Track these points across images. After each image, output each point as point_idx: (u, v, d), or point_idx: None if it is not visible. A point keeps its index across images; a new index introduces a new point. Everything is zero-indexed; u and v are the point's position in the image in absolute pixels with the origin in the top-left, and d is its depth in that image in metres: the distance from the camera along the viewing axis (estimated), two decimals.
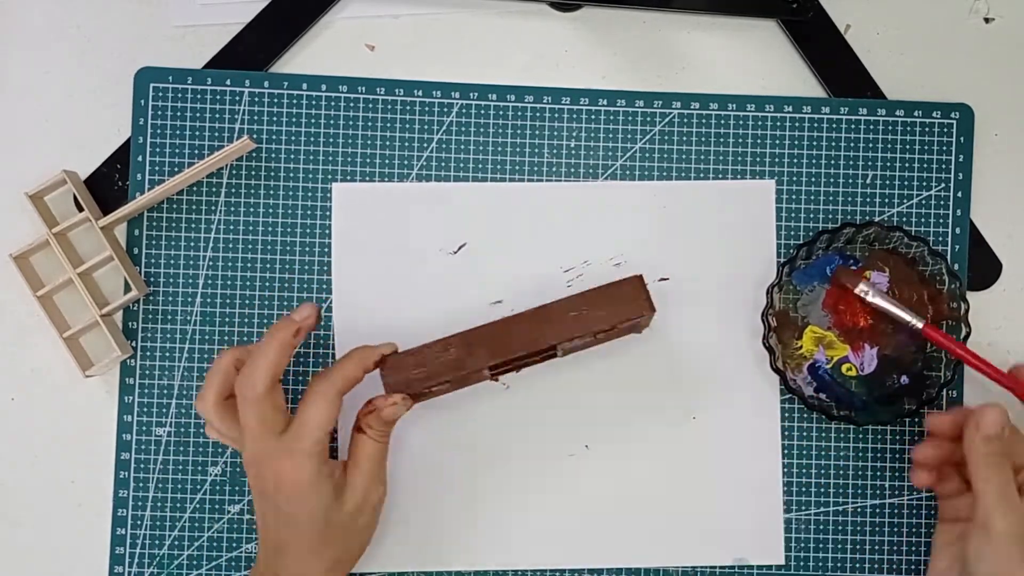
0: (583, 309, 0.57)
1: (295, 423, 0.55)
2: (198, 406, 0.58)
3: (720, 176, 0.65)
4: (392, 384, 0.57)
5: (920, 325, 0.62)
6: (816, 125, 0.65)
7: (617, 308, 0.57)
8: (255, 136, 0.64)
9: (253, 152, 0.64)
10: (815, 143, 0.65)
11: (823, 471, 0.64)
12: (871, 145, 0.65)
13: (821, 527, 0.64)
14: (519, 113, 0.65)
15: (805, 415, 0.65)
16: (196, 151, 0.64)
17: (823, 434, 0.64)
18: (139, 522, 0.63)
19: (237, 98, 0.64)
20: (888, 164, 0.65)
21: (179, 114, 0.64)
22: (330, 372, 0.56)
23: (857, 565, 0.64)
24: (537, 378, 0.64)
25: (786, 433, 0.64)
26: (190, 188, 0.64)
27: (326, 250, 0.64)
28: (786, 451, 0.64)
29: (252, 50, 0.65)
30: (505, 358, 0.57)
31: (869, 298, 0.63)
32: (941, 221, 0.65)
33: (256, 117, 0.64)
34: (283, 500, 0.55)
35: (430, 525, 0.64)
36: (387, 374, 0.57)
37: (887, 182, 0.65)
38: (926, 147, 0.65)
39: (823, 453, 0.64)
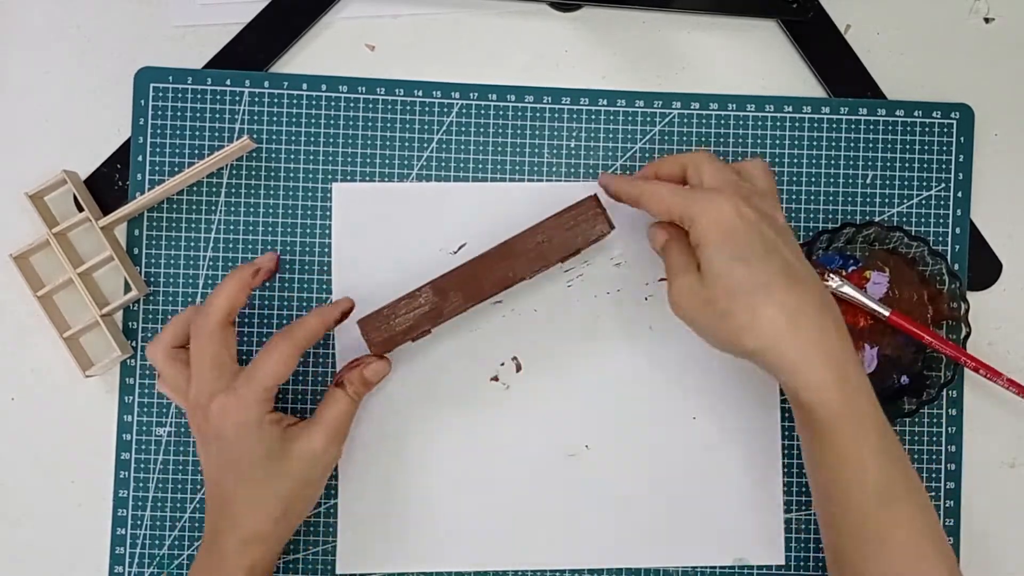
0: (545, 238, 0.58)
1: (246, 370, 0.56)
2: (149, 350, 0.58)
3: None
4: (376, 341, 0.58)
5: (886, 314, 0.62)
6: (816, 125, 0.65)
7: (579, 231, 0.58)
8: (255, 136, 0.64)
9: (253, 152, 0.64)
10: (815, 143, 0.65)
11: None
12: (871, 145, 0.65)
13: None
14: (519, 113, 0.65)
15: None
16: (196, 151, 0.64)
17: None
18: (139, 522, 0.63)
19: (237, 98, 0.64)
20: (888, 164, 0.65)
21: (179, 114, 0.64)
22: (291, 327, 0.57)
23: None
24: (537, 378, 0.64)
25: (786, 433, 0.64)
26: (190, 188, 0.64)
27: (326, 250, 0.64)
28: (786, 451, 0.64)
29: (252, 50, 0.65)
30: (479, 299, 0.59)
31: (834, 287, 0.63)
32: (941, 221, 0.65)
33: (256, 117, 0.64)
34: (227, 444, 0.56)
35: (430, 525, 0.64)
36: (369, 332, 0.58)
37: (887, 182, 0.65)
38: (926, 147, 0.65)
39: None
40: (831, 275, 0.63)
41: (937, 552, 0.53)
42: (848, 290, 0.63)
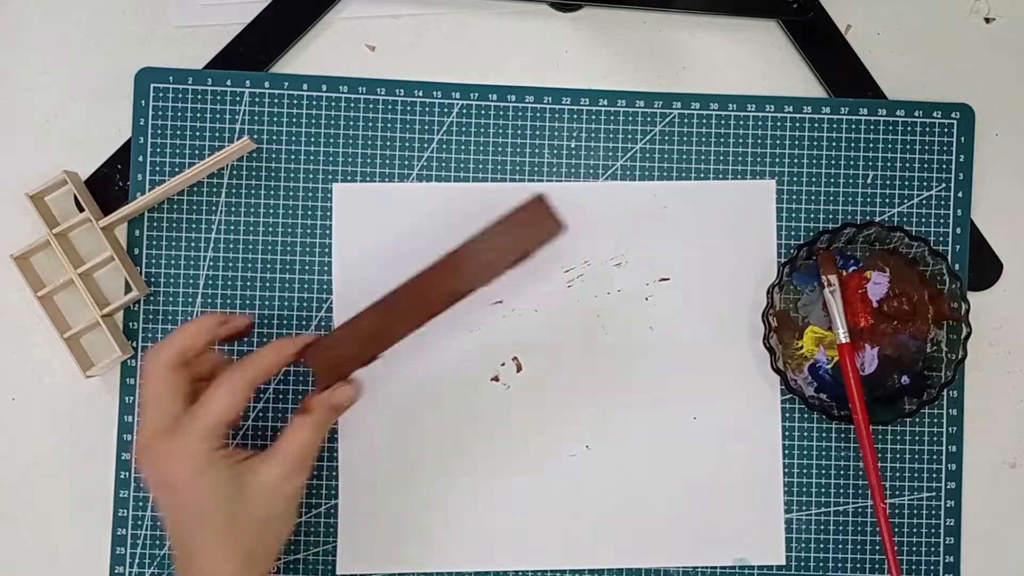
0: (493, 246, 0.55)
1: (195, 406, 0.52)
2: (151, 358, 0.54)
3: (720, 176, 0.65)
4: (323, 370, 0.55)
5: (843, 339, 0.62)
6: (816, 125, 0.65)
7: (527, 235, 0.55)
8: (255, 136, 0.64)
9: (253, 152, 0.64)
10: (815, 143, 0.65)
11: (823, 471, 0.64)
12: (871, 145, 0.65)
13: (821, 527, 0.64)
14: (519, 113, 0.65)
15: (805, 415, 0.65)
16: (196, 151, 0.64)
17: (823, 434, 0.64)
18: (140, 523, 0.63)
19: (237, 98, 0.64)
20: (888, 164, 0.65)
21: (179, 114, 0.64)
22: (244, 361, 0.54)
23: (857, 565, 0.64)
24: (537, 378, 0.64)
25: (786, 433, 0.64)
26: (190, 188, 0.64)
27: (326, 250, 0.64)
28: (786, 451, 0.64)
29: (252, 50, 0.65)
30: (428, 318, 0.55)
31: (825, 291, 0.63)
32: (942, 221, 0.65)
33: (256, 117, 0.64)
34: (175, 490, 0.52)
35: (430, 525, 0.64)
36: (314, 361, 0.56)
37: (887, 182, 0.65)
38: (927, 147, 0.65)
39: (823, 453, 0.64)
40: (835, 279, 0.63)
41: None
42: (830, 299, 0.63)
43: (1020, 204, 0.66)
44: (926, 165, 0.65)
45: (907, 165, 0.65)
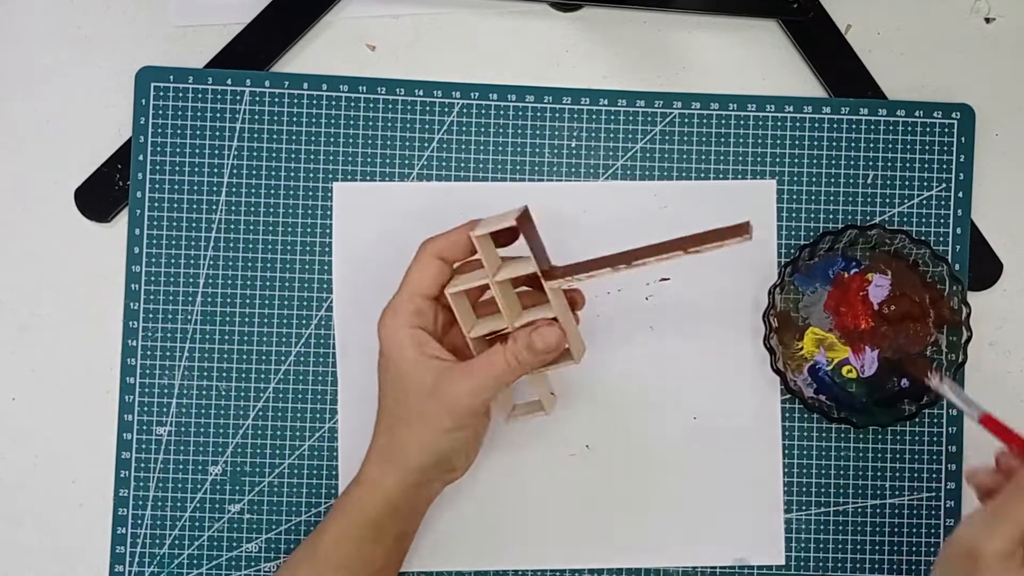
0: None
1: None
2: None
3: (720, 176, 0.65)
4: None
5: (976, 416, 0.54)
6: (817, 125, 0.65)
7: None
8: (255, 136, 0.64)
9: (253, 152, 0.64)
10: (816, 143, 0.65)
11: (823, 471, 0.64)
12: (872, 145, 0.65)
13: (821, 527, 0.64)
14: (519, 113, 0.65)
15: (805, 416, 0.65)
16: (197, 151, 0.64)
17: (823, 435, 0.65)
18: (139, 521, 0.63)
19: (238, 98, 0.64)
20: (889, 164, 0.65)
21: (180, 114, 0.64)
22: (434, 237, 0.55)
23: (857, 565, 0.64)
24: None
25: (786, 433, 0.64)
26: (190, 188, 0.64)
27: (326, 250, 0.64)
28: (786, 451, 0.64)
29: (252, 50, 0.65)
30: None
31: (933, 383, 0.58)
32: (942, 221, 0.65)
33: (256, 117, 0.64)
34: (392, 366, 0.55)
35: (430, 525, 0.64)
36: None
37: (888, 182, 0.65)
38: (927, 147, 0.65)
39: (823, 453, 0.64)
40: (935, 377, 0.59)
41: None
42: (946, 390, 0.57)
43: (1020, 204, 0.66)
44: (926, 165, 0.65)
45: (907, 165, 0.65)
